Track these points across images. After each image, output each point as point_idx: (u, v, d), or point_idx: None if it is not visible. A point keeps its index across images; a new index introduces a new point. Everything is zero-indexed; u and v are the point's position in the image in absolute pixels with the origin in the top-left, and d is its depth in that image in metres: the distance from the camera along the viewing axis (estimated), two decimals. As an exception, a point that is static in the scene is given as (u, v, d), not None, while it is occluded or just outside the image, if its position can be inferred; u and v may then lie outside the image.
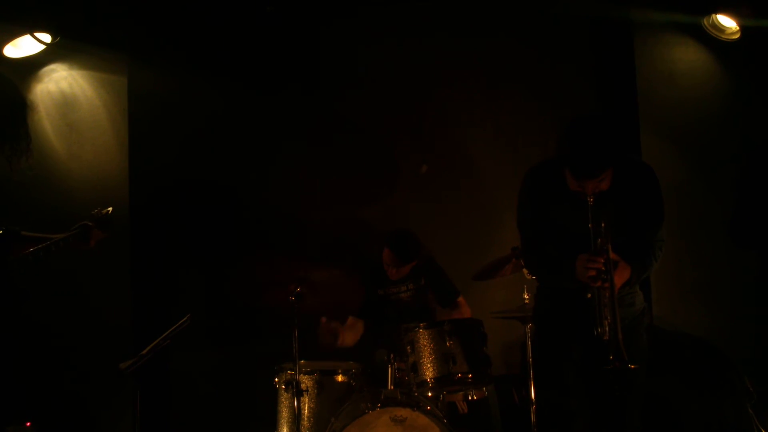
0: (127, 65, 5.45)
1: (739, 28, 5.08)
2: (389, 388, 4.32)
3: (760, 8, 4.91)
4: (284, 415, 4.35)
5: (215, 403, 5.36)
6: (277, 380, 4.44)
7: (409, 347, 4.30)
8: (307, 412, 4.28)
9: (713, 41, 5.24)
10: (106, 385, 5.06)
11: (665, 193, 3.44)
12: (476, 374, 4.24)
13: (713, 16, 5.16)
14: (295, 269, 4.30)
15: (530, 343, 4.39)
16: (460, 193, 5.63)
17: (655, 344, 3.55)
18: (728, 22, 5.12)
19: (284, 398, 4.36)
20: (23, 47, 5.14)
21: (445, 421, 4.05)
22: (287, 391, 4.26)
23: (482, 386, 4.48)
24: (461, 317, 4.80)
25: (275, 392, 4.44)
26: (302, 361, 4.23)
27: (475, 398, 4.55)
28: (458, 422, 4.40)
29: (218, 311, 5.40)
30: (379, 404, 4.02)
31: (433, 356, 4.21)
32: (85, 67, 5.41)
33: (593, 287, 3.21)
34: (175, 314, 4.13)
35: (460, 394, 4.54)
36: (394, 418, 3.98)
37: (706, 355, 4.90)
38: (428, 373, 4.20)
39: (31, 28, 5.00)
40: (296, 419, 4.07)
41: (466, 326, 4.34)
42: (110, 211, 3.99)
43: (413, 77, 5.62)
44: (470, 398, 4.55)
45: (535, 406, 4.29)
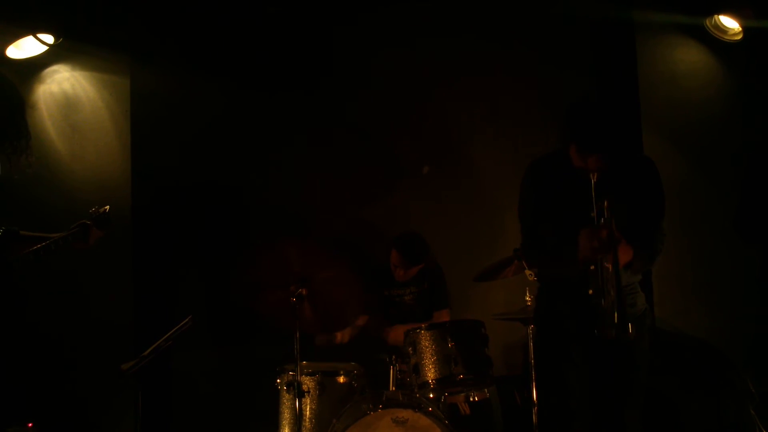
0: (129, 66, 5.44)
1: (741, 29, 5.07)
2: (391, 389, 4.33)
3: (762, 9, 4.90)
4: (286, 416, 4.35)
5: (217, 404, 5.36)
6: (278, 381, 4.43)
7: (410, 348, 4.30)
8: (308, 413, 4.28)
9: (715, 42, 5.23)
10: (107, 385, 5.05)
11: (667, 193, 3.44)
12: (478, 375, 4.24)
13: (715, 17, 5.15)
14: (296, 270, 4.29)
15: (532, 344, 4.38)
16: (460, 193, 5.63)
17: (656, 345, 3.55)
18: (730, 23, 5.12)
19: (286, 399, 4.36)
20: (26, 48, 5.14)
21: (446, 422, 4.03)
22: (289, 392, 4.26)
23: (484, 387, 4.49)
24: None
25: (277, 393, 4.44)
26: (304, 362, 4.22)
27: (476, 399, 4.55)
28: (460, 423, 4.40)
29: (219, 312, 5.40)
30: (380, 405, 4.01)
31: (434, 357, 4.20)
32: (87, 68, 5.41)
33: (595, 284, 3.20)
34: (176, 315, 4.13)
35: (461, 395, 4.55)
36: (395, 419, 3.97)
37: (707, 356, 4.90)
38: (430, 374, 4.20)
39: (33, 29, 5.00)
40: (298, 420, 4.06)
41: (467, 328, 4.33)
42: (107, 209, 3.99)
43: (413, 77, 5.62)
44: (472, 399, 4.55)
45: (536, 407, 4.28)
